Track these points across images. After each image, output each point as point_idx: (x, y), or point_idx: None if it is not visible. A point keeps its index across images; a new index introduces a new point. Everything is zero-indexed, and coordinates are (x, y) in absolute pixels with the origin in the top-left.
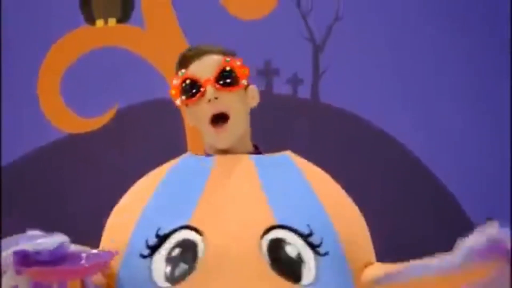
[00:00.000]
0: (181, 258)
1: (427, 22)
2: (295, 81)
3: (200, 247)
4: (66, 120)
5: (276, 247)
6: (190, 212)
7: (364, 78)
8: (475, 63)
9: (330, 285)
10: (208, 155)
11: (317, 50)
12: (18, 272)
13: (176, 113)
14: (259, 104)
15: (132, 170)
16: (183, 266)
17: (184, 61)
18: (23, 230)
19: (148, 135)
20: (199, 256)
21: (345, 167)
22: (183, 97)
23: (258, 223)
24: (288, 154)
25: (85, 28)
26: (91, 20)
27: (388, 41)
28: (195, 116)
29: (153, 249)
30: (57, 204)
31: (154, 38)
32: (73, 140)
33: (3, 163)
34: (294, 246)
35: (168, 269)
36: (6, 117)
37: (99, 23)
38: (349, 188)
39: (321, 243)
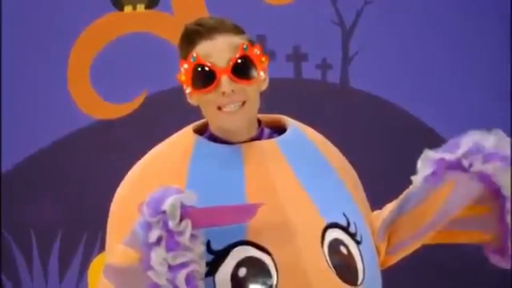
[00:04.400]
0: (253, 279)
1: (458, 5)
2: (324, 66)
3: (270, 265)
4: (95, 106)
5: (333, 251)
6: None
7: (394, 62)
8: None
9: (373, 270)
10: (211, 134)
11: (347, 34)
12: (183, 216)
13: None
14: (289, 90)
15: None
16: None
17: (192, 37)
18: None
19: (177, 122)
20: (272, 275)
21: (373, 152)
22: (195, 86)
23: (313, 228)
24: (297, 125)
25: (113, 14)
26: (119, 6)
27: (417, 24)
28: (203, 99)
29: (210, 265)
30: (85, 191)
31: (182, 24)
32: (102, 126)
33: (32, 149)
34: (343, 243)
35: None
36: (36, 103)
37: (128, 9)
38: (377, 172)
39: (356, 230)
